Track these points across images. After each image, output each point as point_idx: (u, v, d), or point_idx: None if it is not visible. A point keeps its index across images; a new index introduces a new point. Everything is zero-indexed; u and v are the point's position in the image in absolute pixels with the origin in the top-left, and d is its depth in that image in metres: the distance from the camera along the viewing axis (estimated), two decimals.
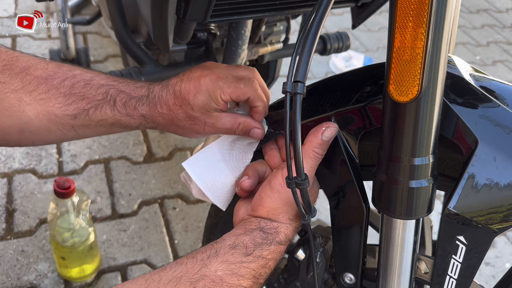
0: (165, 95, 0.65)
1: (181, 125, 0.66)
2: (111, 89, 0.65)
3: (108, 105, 0.65)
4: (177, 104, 0.65)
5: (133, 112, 0.65)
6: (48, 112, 0.64)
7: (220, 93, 0.64)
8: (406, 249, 0.58)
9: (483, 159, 0.50)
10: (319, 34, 0.48)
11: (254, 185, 0.65)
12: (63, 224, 1.15)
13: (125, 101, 0.65)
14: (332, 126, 0.59)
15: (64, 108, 0.64)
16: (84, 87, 0.65)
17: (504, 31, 2.90)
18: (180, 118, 0.65)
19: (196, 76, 0.65)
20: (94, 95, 0.65)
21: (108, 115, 0.65)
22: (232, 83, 0.64)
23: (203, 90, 0.64)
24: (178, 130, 0.68)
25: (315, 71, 2.27)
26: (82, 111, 0.65)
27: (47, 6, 2.25)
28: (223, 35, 1.15)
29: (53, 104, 0.64)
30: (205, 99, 0.64)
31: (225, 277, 0.55)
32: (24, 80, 0.63)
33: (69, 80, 0.65)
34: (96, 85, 0.65)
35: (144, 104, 0.65)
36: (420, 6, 0.44)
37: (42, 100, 0.63)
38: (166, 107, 0.65)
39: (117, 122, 0.66)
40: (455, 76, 0.55)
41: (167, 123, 0.67)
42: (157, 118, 0.66)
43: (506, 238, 1.60)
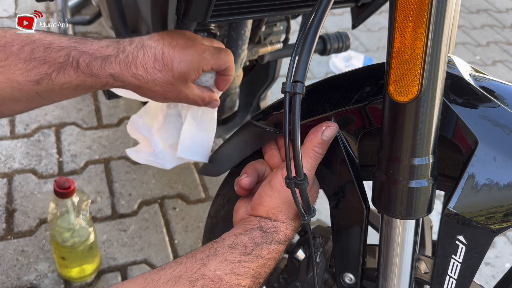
0: (142, 56, 0.64)
1: (155, 89, 0.66)
2: (73, 50, 0.63)
3: (71, 67, 0.63)
4: (156, 68, 0.64)
5: (100, 71, 0.63)
6: (10, 80, 0.62)
7: (204, 64, 0.66)
8: (406, 249, 0.58)
9: (483, 159, 0.50)
10: (318, 34, 0.48)
11: (253, 183, 0.65)
12: (63, 224, 1.15)
13: (88, 61, 0.63)
14: (332, 125, 0.59)
15: (26, 74, 0.63)
16: (44, 51, 0.63)
17: (504, 31, 2.90)
18: (157, 83, 0.65)
19: (181, 43, 0.65)
20: (55, 58, 0.63)
21: (72, 77, 0.64)
22: (214, 54, 0.67)
23: (188, 60, 0.64)
24: (149, 93, 0.67)
25: (315, 71, 2.27)
26: (44, 75, 0.63)
27: (47, 6, 2.25)
28: (223, 35, 1.15)
29: (13, 71, 0.62)
30: (188, 68, 0.64)
31: (224, 276, 0.55)
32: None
33: (28, 45, 0.63)
34: (56, 48, 0.63)
35: (112, 63, 0.64)
36: (420, 6, 0.44)
37: (2, 68, 0.62)
38: (143, 69, 0.64)
39: (82, 83, 0.64)
40: (455, 76, 0.55)
41: (140, 85, 0.65)
42: (128, 78, 0.64)
43: (506, 238, 1.60)
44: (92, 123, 1.74)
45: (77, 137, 1.67)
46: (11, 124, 1.68)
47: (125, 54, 0.64)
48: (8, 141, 1.61)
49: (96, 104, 1.83)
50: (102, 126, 1.73)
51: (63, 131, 1.69)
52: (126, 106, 1.84)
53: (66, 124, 1.71)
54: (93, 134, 1.69)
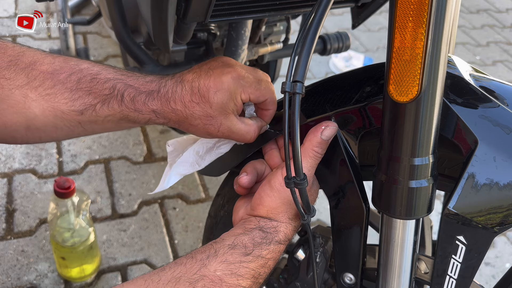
0: (180, 91, 0.63)
1: (195, 123, 0.64)
2: (119, 83, 0.63)
3: (116, 100, 0.63)
4: (194, 101, 0.62)
5: (143, 107, 0.63)
6: (54, 108, 0.62)
7: (241, 92, 0.62)
8: (406, 249, 0.58)
9: (483, 159, 0.50)
10: (318, 34, 0.48)
11: (252, 182, 0.65)
12: (63, 224, 1.15)
13: (133, 96, 0.63)
14: (332, 125, 0.59)
15: (70, 104, 0.62)
16: (90, 82, 0.63)
17: (504, 31, 2.90)
18: (196, 116, 0.63)
19: (216, 72, 0.63)
20: (101, 89, 0.63)
21: (115, 110, 0.63)
22: (253, 83, 0.63)
23: (224, 88, 0.62)
24: (191, 128, 0.66)
25: (315, 71, 2.27)
26: (88, 106, 0.63)
27: (47, 6, 2.25)
28: (223, 35, 1.15)
29: (59, 99, 0.62)
30: (225, 97, 0.62)
31: (224, 277, 0.55)
32: (29, 76, 0.61)
33: (75, 74, 0.63)
34: (103, 79, 0.63)
35: (155, 99, 0.63)
36: (420, 6, 0.44)
37: (47, 96, 0.62)
38: (181, 104, 0.63)
39: (125, 117, 0.64)
40: (455, 76, 0.55)
41: (180, 120, 0.64)
42: (169, 114, 0.64)
43: (506, 238, 1.60)
44: None
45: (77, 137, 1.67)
46: None
47: (165, 89, 0.63)
48: None
49: None
50: None
51: None
52: None
53: None
54: None
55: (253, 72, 0.66)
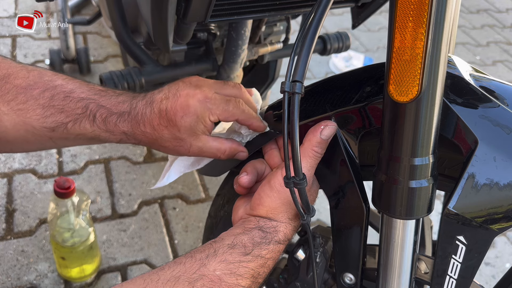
0: (149, 113, 0.63)
1: (165, 145, 0.64)
2: (91, 103, 0.63)
3: (88, 120, 0.63)
4: (162, 124, 0.62)
5: (114, 128, 0.63)
6: (26, 123, 0.62)
7: (209, 114, 0.62)
8: (406, 249, 0.58)
9: (483, 159, 0.50)
10: (318, 34, 0.48)
11: (252, 182, 0.65)
12: (63, 224, 1.15)
13: (105, 117, 0.63)
14: (331, 124, 0.59)
15: (42, 121, 0.62)
16: (63, 100, 0.63)
17: (504, 31, 2.90)
18: (165, 139, 0.63)
19: (183, 95, 0.62)
20: (73, 108, 0.63)
21: (87, 130, 0.63)
22: (220, 104, 0.63)
23: (191, 112, 0.61)
24: (161, 149, 0.66)
25: (315, 71, 2.27)
26: (60, 124, 0.63)
27: (47, 6, 2.25)
28: (223, 35, 1.15)
29: (31, 115, 0.62)
30: (192, 121, 0.62)
31: (223, 276, 0.55)
32: (3, 89, 0.61)
33: (49, 91, 0.62)
34: (76, 98, 0.63)
35: (125, 121, 0.63)
36: (420, 6, 0.44)
37: (20, 110, 0.62)
38: (150, 127, 0.63)
39: (96, 137, 0.64)
40: (455, 76, 0.55)
41: (150, 142, 0.65)
42: (139, 136, 0.64)
43: (506, 238, 1.60)
44: None
45: None
46: None
47: (136, 111, 0.63)
48: None
49: None
50: None
51: None
52: None
53: None
54: None
55: (222, 90, 0.65)
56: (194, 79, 0.66)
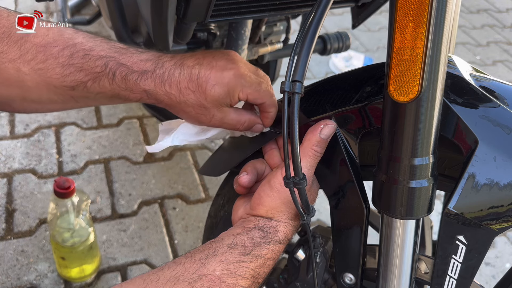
0: (178, 75, 0.61)
1: (187, 110, 0.63)
2: (111, 61, 0.62)
3: (107, 78, 0.61)
4: (190, 88, 0.61)
5: (134, 86, 0.62)
6: (47, 83, 0.61)
7: (240, 91, 0.61)
8: (406, 249, 0.58)
9: (483, 159, 0.50)
10: (317, 33, 0.48)
11: (252, 181, 0.65)
12: (63, 224, 1.15)
13: (125, 75, 0.61)
14: (330, 123, 0.59)
15: (62, 80, 0.61)
16: (83, 58, 0.61)
17: (504, 31, 2.90)
18: (189, 104, 0.62)
19: (219, 65, 0.61)
20: (92, 67, 0.61)
21: (106, 88, 0.62)
22: (253, 83, 0.62)
23: (223, 84, 0.60)
24: (181, 113, 0.65)
25: (315, 71, 2.27)
26: (80, 83, 0.62)
27: (47, 6, 2.25)
28: (223, 35, 1.15)
29: (50, 74, 0.61)
30: (222, 92, 0.61)
31: (223, 276, 0.54)
32: (22, 49, 0.60)
33: (68, 49, 0.61)
34: (95, 56, 0.61)
35: (148, 79, 0.61)
36: (420, 6, 0.44)
37: (40, 70, 0.61)
38: (176, 89, 0.61)
39: (116, 95, 0.63)
40: (455, 76, 0.55)
41: (171, 104, 0.63)
42: (161, 97, 0.62)
43: (506, 238, 1.60)
44: (92, 123, 1.74)
45: (77, 137, 1.67)
46: (11, 124, 1.68)
47: (162, 71, 0.61)
48: (8, 141, 1.61)
49: None
50: (102, 126, 1.73)
51: (63, 131, 1.68)
52: (126, 106, 1.84)
53: (66, 124, 1.71)
54: (93, 134, 1.69)
55: (255, 72, 0.65)
56: (232, 52, 0.65)
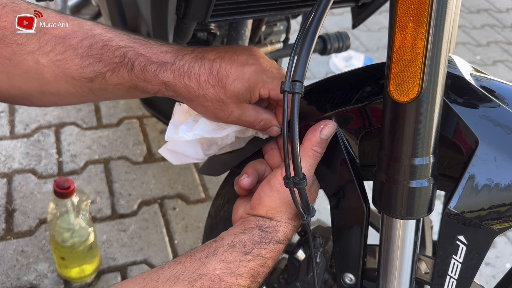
0: (198, 68, 0.60)
1: (206, 105, 0.62)
2: (130, 51, 0.61)
3: (126, 69, 0.61)
4: (210, 82, 0.60)
5: (152, 78, 0.61)
6: (65, 74, 0.61)
7: (261, 87, 0.60)
8: (407, 249, 0.58)
9: (484, 159, 0.50)
10: (317, 33, 0.48)
11: (253, 183, 0.65)
12: (63, 224, 1.14)
13: (143, 65, 0.60)
14: (330, 124, 0.59)
15: (80, 71, 0.61)
16: (102, 48, 0.61)
17: (504, 31, 2.90)
18: (208, 98, 0.61)
19: (241, 59, 0.60)
20: (111, 57, 0.61)
21: (125, 79, 0.61)
22: (276, 79, 0.61)
23: (244, 79, 0.59)
24: (199, 108, 0.63)
25: (315, 71, 2.27)
26: (98, 74, 0.61)
27: (47, 6, 2.25)
28: (223, 35, 1.15)
29: (69, 66, 0.61)
30: (243, 87, 0.60)
31: (223, 276, 0.54)
32: (41, 40, 0.60)
33: (87, 40, 0.61)
34: (114, 47, 0.61)
35: (167, 70, 0.60)
36: (420, 6, 0.44)
37: (58, 61, 0.60)
38: (196, 82, 0.60)
39: (134, 86, 0.62)
40: (456, 76, 0.55)
41: (190, 98, 0.62)
42: (180, 89, 0.61)
43: (506, 238, 1.60)
44: (92, 123, 1.74)
45: (77, 137, 1.67)
46: (11, 124, 1.68)
47: (182, 63, 0.61)
48: (8, 141, 1.61)
49: (96, 104, 1.83)
50: (102, 126, 1.73)
51: (63, 131, 1.68)
52: (126, 106, 1.84)
53: (65, 124, 1.71)
54: (93, 134, 1.69)
55: (277, 68, 0.63)
56: (254, 48, 0.64)
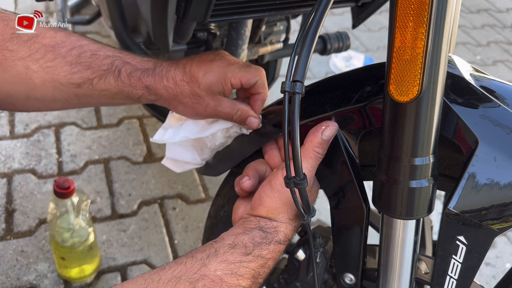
0: (174, 70, 0.67)
1: (184, 101, 0.68)
2: (117, 60, 0.67)
3: (113, 75, 0.66)
4: (185, 80, 0.67)
5: (137, 82, 0.67)
6: (54, 80, 0.65)
7: (231, 77, 0.66)
8: (407, 249, 0.58)
9: (484, 159, 0.50)
10: (318, 33, 0.48)
11: (254, 185, 0.65)
12: (63, 224, 1.14)
13: (130, 72, 0.67)
14: (332, 125, 0.59)
15: (69, 77, 0.65)
16: (90, 57, 0.66)
17: (504, 31, 2.90)
18: (185, 95, 0.67)
19: (209, 58, 0.68)
20: (99, 65, 0.66)
21: (111, 85, 0.67)
22: (242, 67, 0.67)
23: (214, 71, 0.66)
24: (179, 106, 0.69)
25: (315, 71, 2.27)
26: (86, 80, 0.66)
27: (47, 6, 2.25)
28: (223, 35, 1.15)
29: (58, 72, 0.65)
30: (214, 79, 0.66)
31: (224, 276, 0.54)
32: (31, 48, 0.64)
33: (76, 49, 0.66)
34: (102, 56, 0.67)
35: (149, 76, 0.67)
36: (420, 6, 0.44)
37: (48, 68, 0.65)
38: (173, 82, 0.67)
39: (120, 92, 0.68)
40: (456, 76, 0.55)
41: (170, 97, 0.68)
42: (160, 91, 0.67)
43: (506, 238, 1.60)
44: (92, 123, 1.74)
45: (77, 137, 1.67)
46: (11, 124, 1.68)
47: (160, 68, 0.68)
48: (8, 141, 1.61)
49: None
50: (101, 126, 1.73)
51: (63, 131, 1.68)
52: (126, 106, 1.84)
53: (65, 124, 1.71)
54: (92, 134, 1.69)
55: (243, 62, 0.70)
56: (220, 51, 0.71)
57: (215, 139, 0.74)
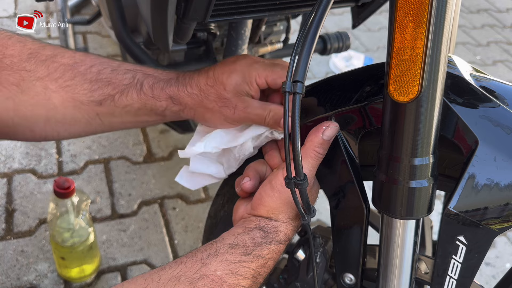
0: (197, 76, 0.65)
1: (210, 106, 0.64)
2: (138, 73, 0.65)
3: (135, 89, 0.65)
4: (209, 84, 0.64)
5: (160, 93, 0.65)
6: (74, 99, 0.63)
7: (256, 75, 0.63)
8: (406, 249, 0.58)
9: (484, 159, 0.50)
10: (318, 33, 0.48)
11: (255, 186, 0.65)
12: (63, 224, 1.14)
13: (152, 84, 0.65)
14: (333, 125, 0.59)
15: (90, 95, 0.63)
16: (111, 73, 0.64)
17: (504, 31, 2.90)
18: (211, 99, 0.64)
19: (231, 60, 0.66)
20: (120, 80, 0.64)
21: (134, 100, 0.65)
22: (267, 66, 0.64)
23: (237, 71, 0.63)
24: (206, 113, 0.66)
25: (315, 71, 2.27)
26: (107, 96, 0.64)
27: (47, 6, 2.25)
28: (223, 35, 1.15)
29: (78, 90, 0.63)
30: (239, 79, 0.63)
31: (224, 276, 0.54)
32: (50, 67, 0.63)
33: (95, 67, 0.64)
34: (123, 71, 0.65)
35: (172, 85, 0.65)
36: (420, 6, 0.44)
37: (67, 87, 0.63)
38: (197, 88, 0.65)
39: (143, 106, 0.65)
40: (455, 76, 0.55)
41: (195, 105, 0.65)
42: (185, 99, 0.65)
43: (506, 238, 1.60)
44: None
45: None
46: None
47: (183, 77, 0.66)
48: (8, 141, 1.61)
49: None
50: None
51: None
52: None
53: None
54: None
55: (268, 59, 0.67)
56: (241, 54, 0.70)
57: (244, 148, 0.68)
